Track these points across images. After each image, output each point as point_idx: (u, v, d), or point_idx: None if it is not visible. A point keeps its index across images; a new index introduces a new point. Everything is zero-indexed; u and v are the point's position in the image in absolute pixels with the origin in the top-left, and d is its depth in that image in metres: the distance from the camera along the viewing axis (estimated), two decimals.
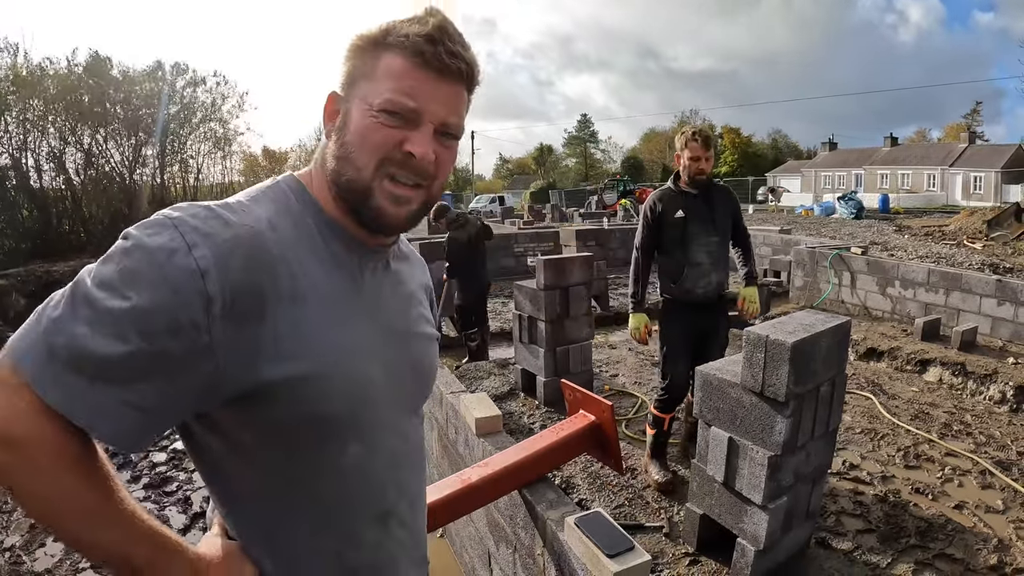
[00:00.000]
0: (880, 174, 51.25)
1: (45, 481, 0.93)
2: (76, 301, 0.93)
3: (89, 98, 26.90)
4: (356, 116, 1.13)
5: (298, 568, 1.19)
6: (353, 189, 1.14)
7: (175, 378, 0.97)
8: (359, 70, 1.15)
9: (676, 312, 4.37)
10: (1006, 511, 3.96)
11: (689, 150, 4.15)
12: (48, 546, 5.30)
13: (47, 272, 15.51)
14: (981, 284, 8.15)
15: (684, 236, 4.23)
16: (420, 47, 1.11)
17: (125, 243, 0.97)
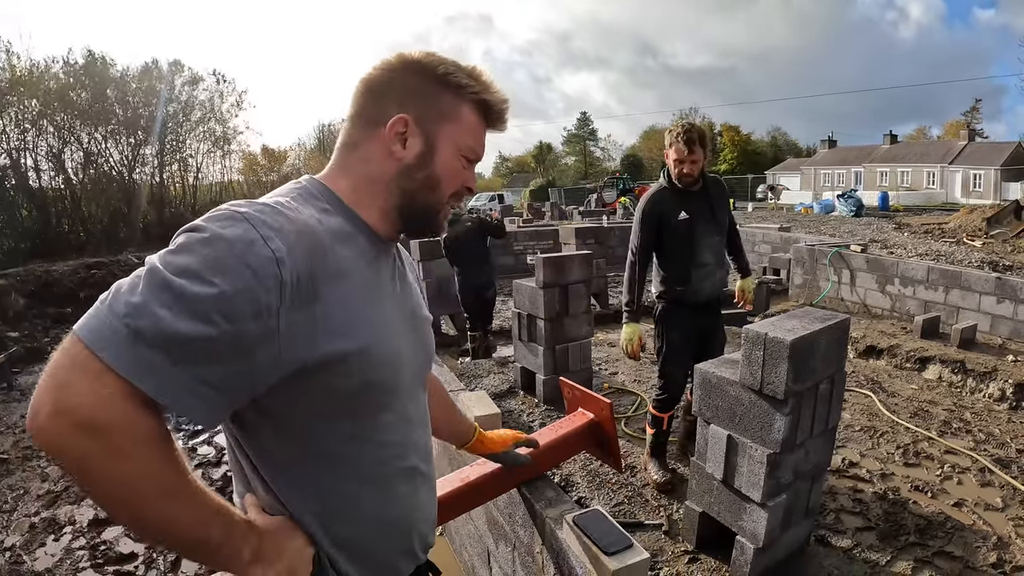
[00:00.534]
0: (880, 172, 51.27)
1: (129, 464, 0.97)
2: (155, 287, 0.98)
3: (87, 97, 26.89)
4: (446, 155, 1.36)
5: (346, 523, 1.33)
6: (428, 210, 1.39)
7: (248, 358, 1.05)
8: (440, 111, 1.34)
9: (678, 313, 4.23)
10: (1005, 509, 3.96)
11: (673, 151, 3.97)
12: (48, 546, 5.30)
13: (46, 272, 15.49)
14: (980, 282, 8.15)
15: (691, 238, 4.06)
16: (499, 115, 1.42)
17: (201, 235, 1.05)
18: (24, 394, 9.30)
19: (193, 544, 1.10)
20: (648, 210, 4.13)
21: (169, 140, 31.46)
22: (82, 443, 0.92)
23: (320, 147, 49.80)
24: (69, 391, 0.93)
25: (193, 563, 4.98)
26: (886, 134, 55.28)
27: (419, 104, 1.32)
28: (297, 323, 1.10)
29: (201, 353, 0.99)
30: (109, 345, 0.94)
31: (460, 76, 1.34)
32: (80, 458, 0.94)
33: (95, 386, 0.93)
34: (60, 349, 0.96)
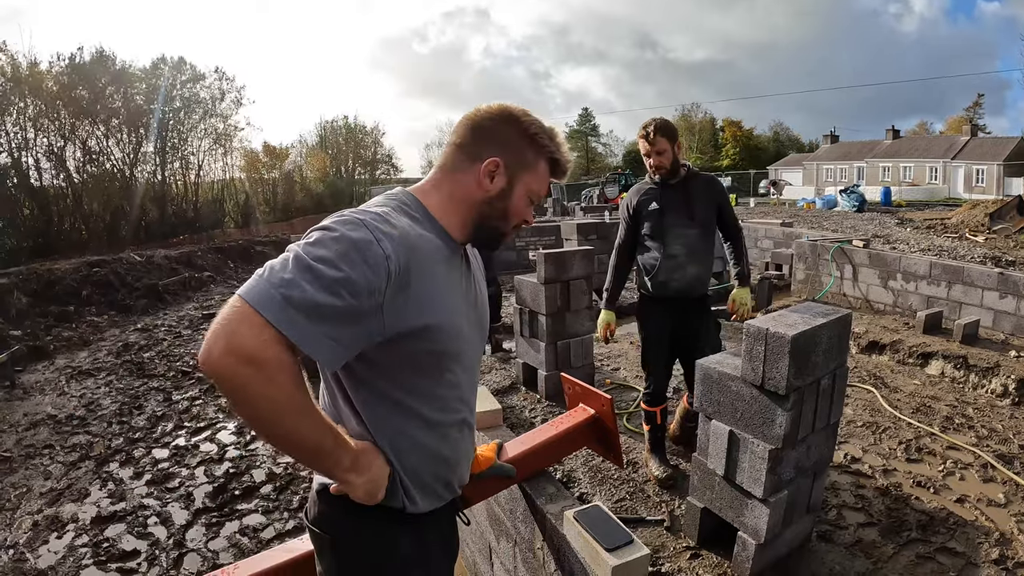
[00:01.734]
0: (882, 167, 51.18)
1: (277, 388, 1.36)
2: (301, 269, 1.39)
3: (89, 95, 26.89)
4: (521, 197, 1.80)
5: (412, 455, 1.75)
6: (495, 232, 1.83)
7: (362, 324, 1.46)
8: (525, 161, 1.77)
9: (651, 308, 4.31)
10: (1008, 505, 3.95)
11: (640, 146, 4.07)
12: (51, 543, 5.30)
13: (48, 270, 15.52)
14: (983, 277, 8.13)
15: (660, 228, 4.13)
16: (562, 171, 1.85)
17: (333, 234, 1.46)
18: (27, 392, 9.31)
19: (313, 450, 1.52)
20: (627, 202, 4.34)
21: (170, 138, 31.45)
22: (246, 372, 1.32)
23: (322, 144, 49.72)
24: (237, 336, 1.32)
25: (196, 559, 5.00)
26: (888, 129, 55.14)
27: (510, 152, 1.74)
28: (396, 302, 1.50)
29: (331, 316, 1.39)
30: (268, 307, 1.34)
31: (543, 137, 1.76)
32: (244, 384, 1.33)
33: (258, 333, 1.33)
34: (229, 306, 1.35)
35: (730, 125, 76.99)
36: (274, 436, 1.46)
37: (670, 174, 4.10)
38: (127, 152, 29.03)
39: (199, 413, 8.33)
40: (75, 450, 7.11)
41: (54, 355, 11.42)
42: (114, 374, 10.25)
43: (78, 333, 12.85)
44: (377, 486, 1.67)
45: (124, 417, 8.22)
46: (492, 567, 4.17)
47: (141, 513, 5.71)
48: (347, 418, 1.72)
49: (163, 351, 11.69)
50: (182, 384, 9.67)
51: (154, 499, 5.99)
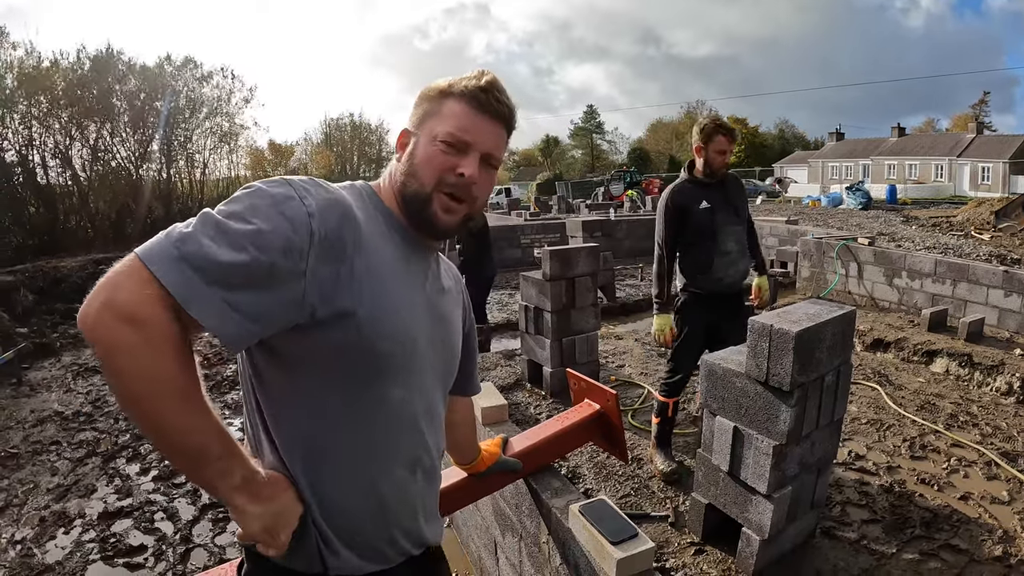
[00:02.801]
0: (887, 164, 51.07)
1: (156, 360, 1.15)
2: (205, 223, 1.21)
3: (96, 93, 26.92)
4: (423, 144, 1.49)
5: (335, 488, 1.44)
6: (416, 198, 1.50)
7: (274, 290, 1.23)
8: (427, 112, 1.51)
9: (698, 304, 4.25)
10: (1012, 502, 3.96)
11: (716, 144, 4.03)
12: (58, 539, 5.32)
13: (54, 268, 15.54)
14: (988, 275, 8.13)
15: (713, 226, 4.12)
16: (476, 94, 1.49)
17: (249, 190, 1.29)
18: (34, 389, 9.34)
19: (194, 452, 1.25)
20: (671, 203, 4.20)
21: (176, 136, 31.48)
22: (120, 332, 1.12)
23: (327, 141, 49.72)
24: (119, 290, 1.13)
25: (203, 554, 5.02)
26: (894, 127, 55.06)
27: (414, 116, 1.55)
28: (322, 274, 1.28)
29: (234, 278, 1.18)
30: (158, 261, 1.15)
31: (447, 82, 1.53)
32: (117, 345, 1.12)
33: (143, 288, 1.13)
34: (119, 262, 1.17)
35: (735, 123, 76.80)
36: (149, 424, 1.20)
37: (716, 174, 4.15)
38: (133, 150, 29.05)
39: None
40: (82, 446, 7.12)
41: (60, 352, 11.43)
42: None
43: None
44: (280, 522, 1.36)
45: None
46: (497, 562, 4.19)
47: (148, 509, 5.72)
48: (264, 446, 1.45)
49: None
50: None
51: (161, 495, 6.00)
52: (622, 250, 17.42)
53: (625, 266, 15.72)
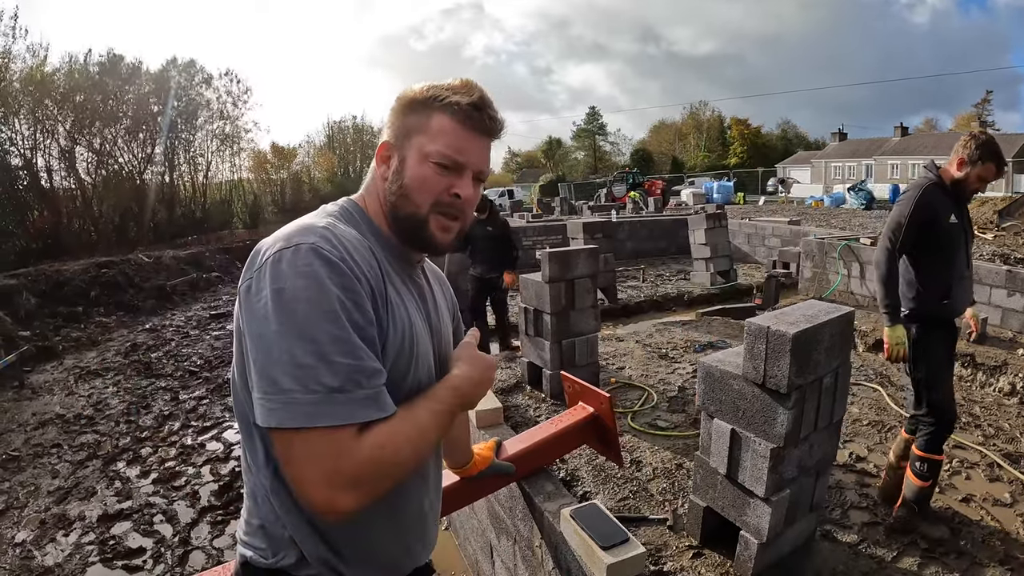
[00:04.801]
0: (890, 164, 51.02)
1: (391, 469, 1.26)
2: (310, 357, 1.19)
3: (100, 97, 27.01)
4: (413, 164, 1.43)
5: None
6: (411, 221, 1.46)
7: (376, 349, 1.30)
8: (412, 126, 1.44)
9: (940, 330, 3.75)
10: (1014, 504, 3.94)
11: (985, 169, 3.54)
12: (58, 541, 5.32)
13: (57, 271, 15.57)
14: (991, 275, 8.10)
15: (956, 246, 3.66)
16: (469, 113, 1.42)
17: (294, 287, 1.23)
18: (36, 392, 9.36)
19: (440, 435, 1.43)
20: (924, 204, 3.60)
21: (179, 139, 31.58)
22: (348, 497, 1.20)
23: (329, 144, 49.79)
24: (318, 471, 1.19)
25: (201, 556, 5.02)
26: (896, 126, 55.13)
27: (394, 128, 1.48)
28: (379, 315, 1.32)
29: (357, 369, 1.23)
30: (313, 417, 1.18)
31: (429, 92, 1.44)
32: (357, 506, 1.21)
33: (331, 449, 1.19)
34: (282, 447, 1.23)
35: (738, 123, 76.94)
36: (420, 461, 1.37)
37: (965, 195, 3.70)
38: (136, 154, 29.15)
39: (206, 412, 8.34)
40: (83, 449, 7.14)
41: (63, 355, 11.47)
42: (122, 374, 10.28)
43: (86, 333, 12.90)
44: (477, 379, 1.50)
45: (131, 416, 8.24)
46: (493, 565, 4.17)
47: (147, 511, 5.73)
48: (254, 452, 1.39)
49: (171, 351, 11.72)
50: (189, 384, 9.69)
51: (160, 497, 6.01)
52: (624, 252, 17.43)
53: (627, 268, 15.72)
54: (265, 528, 1.39)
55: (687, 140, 79.00)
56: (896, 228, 3.65)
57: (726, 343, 7.54)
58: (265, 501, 1.38)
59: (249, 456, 1.40)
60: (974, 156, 3.54)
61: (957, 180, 3.62)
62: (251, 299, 1.23)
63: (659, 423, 5.06)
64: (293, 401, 1.16)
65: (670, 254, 18.77)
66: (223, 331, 13.28)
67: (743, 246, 17.53)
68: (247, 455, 1.41)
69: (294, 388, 1.16)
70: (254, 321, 1.22)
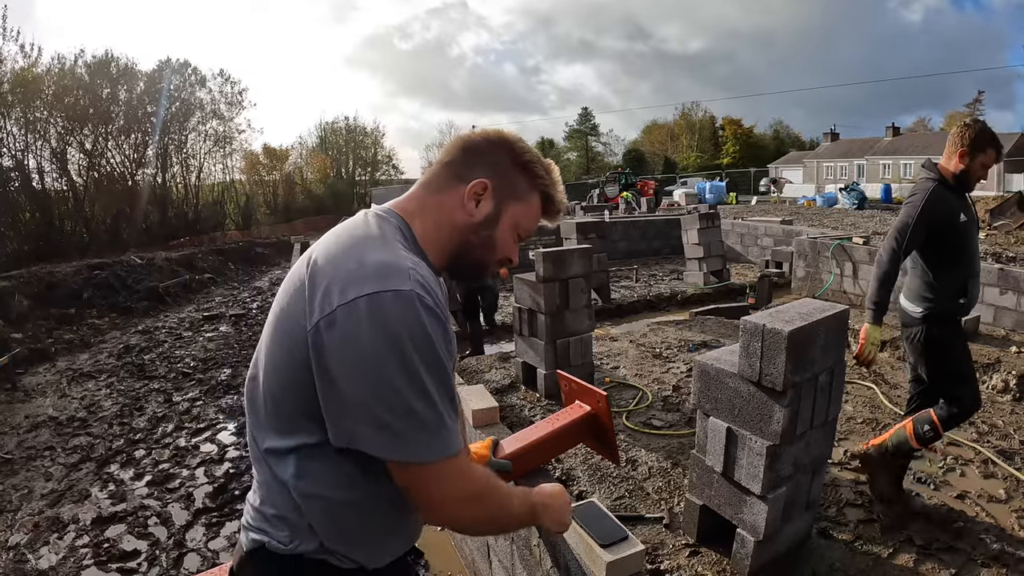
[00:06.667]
0: (882, 164, 51.24)
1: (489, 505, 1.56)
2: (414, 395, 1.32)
3: (92, 98, 26.94)
4: (506, 227, 1.60)
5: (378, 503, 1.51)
6: (478, 264, 1.63)
7: None
8: (519, 190, 1.59)
9: (956, 327, 3.77)
10: (1009, 500, 3.95)
11: (986, 157, 3.56)
12: (52, 544, 5.30)
13: (50, 273, 15.53)
14: (984, 273, 8.06)
15: (968, 244, 3.66)
16: (555, 210, 1.68)
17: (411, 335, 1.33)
18: (28, 395, 9.32)
19: (523, 523, 1.73)
20: (932, 208, 3.57)
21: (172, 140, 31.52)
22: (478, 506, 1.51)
23: (322, 145, 49.73)
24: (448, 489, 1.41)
25: (196, 559, 5.00)
26: (888, 126, 55.38)
27: (500, 177, 1.55)
28: None
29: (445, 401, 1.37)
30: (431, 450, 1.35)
31: (538, 168, 1.60)
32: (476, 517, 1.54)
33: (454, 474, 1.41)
34: (414, 481, 1.39)
35: (730, 123, 77.01)
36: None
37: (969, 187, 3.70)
38: (129, 155, 29.07)
39: (199, 414, 8.31)
40: (76, 451, 7.10)
41: (55, 357, 11.41)
42: (115, 376, 10.23)
43: (79, 335, 12.84)
44: (558, 512, 1.83)
45: (125, 418, 8.19)
46: (490, 565, 4.16)
47: (141, 514, 5.70)
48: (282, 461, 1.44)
49: (164, 353, 11.67)
50: (183, 385, 9.65)
51: (154, 500, 5.98)
52: (617, 252, 17.44)
53: (620, 268, 15.73)
54: (284, 518, 1.44)
55: (679, 140, 79.00)
56: (903, 229, 3.62)
57: (720, 342, 7.55)
58: (285, 496, 1.43)
59: (274, 463, 1.44)
60: (972, 147, 3.54)
61: (960, 173, 3.61)
62: (342, 335, 1.26)
63: (654, 422, 5.07)
64: (414, 440, 1.30)
65: (663, 254, 18.76)
66: (216, 332, 13.24)
67: (736, 246, 17.54)
68: (270, 461, 1.45)
69: (411, 428, 1.29)
70: (349, 361, 1.26)
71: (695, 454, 3.28)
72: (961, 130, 3.59)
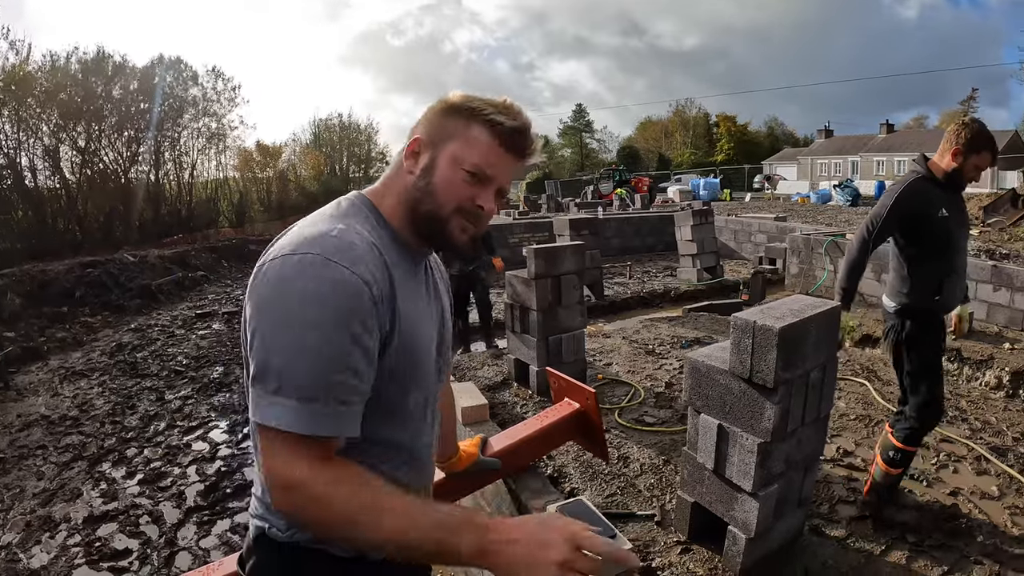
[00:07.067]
0: (876, 161, 51.32)
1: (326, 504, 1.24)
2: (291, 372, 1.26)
3: (85, 95, 26.87)
4: (444, 166, 1.45)
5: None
6: (432, 219, 1.47)
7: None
8: (448, 130, 1.46)
9: (933, 325, 3.74)
10: (1001, 497, 3.95)
11: (981, 158, 3.50)
12: (43, 543, 5.28)
13: (42, 272, 15.46)
14: (977, 270, 8.14)
15: (948, 240, 3.60)
16: (510, 135, 1.45)
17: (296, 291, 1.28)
18: (20, 393, 9.29)
19: (414, 548, 1.22)
20: (906, 199, 3.58)
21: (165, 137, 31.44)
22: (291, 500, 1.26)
23: (316, 142, 49.67)
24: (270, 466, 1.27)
25: (187, 557, 4.98)
26: (882, 123, 55.45)
27: (432, 127, 1.49)
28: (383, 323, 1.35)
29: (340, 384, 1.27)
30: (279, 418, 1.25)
31: (473, 103, 1.47)
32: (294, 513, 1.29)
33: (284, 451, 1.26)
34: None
35: (724, 120, 77.07)
36: (365, 545, 1.27)
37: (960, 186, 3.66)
38: (122, 152, 29.00)
39: (191, 412, 8.28)
40: (68, 450, 7.08)
41: (48, 356, 11.37)
42: (107, 374, 10.20)
43: (72, 334, 12.79)
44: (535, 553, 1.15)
45: (117, 417, 8.17)
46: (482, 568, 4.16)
47: (133, 512, 5.68)
48: None
49: (156, 351, 11.63)
50: (175, 383, 9.63)
51: (146, 498, 5.96)
52: (611, 248, 17.46)
53: (614, 264, 15.73)
54: None
55: (674, 137, 79.06)
56: (875, 218, 3.64)
57: (713, 339, 7.54)
58: None
59: None
60: (968, 147, 3.48)
61: (953, 171, 3.55)
62: (254, 300, 1.30)
63: (646, 419, 5.06)
64: (256, 394, 1.24)
65: (657, 251, 18.81)
66: (209, 330, 13.20)
67: (729, 242, 17.56)
68: None
69: (260, 378, 1.24)
70: (254, 320, 1.28)
71: (686, 451, 3.27)
72: (958, 128, 3.53)
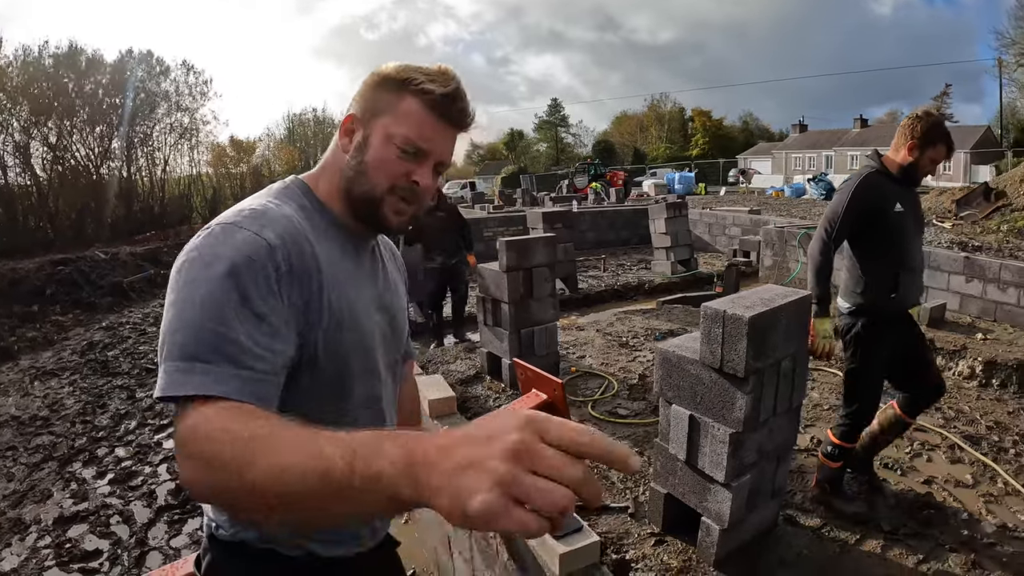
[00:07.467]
0: (850, 155, 51.63)
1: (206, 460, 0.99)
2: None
3: (56, 89, 26.60)
4: (377, 144, 1.38)
5: None
6: (365, 200, 1.41)
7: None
8: (380, 104, 1.39)
9: (885, 328, 3.59)
10: (975, 486, 3.97)
11: (935, 152, 3.44)
12: (13, 546, 5.20)
13: (12, 270, 15.29)
14: (950, 262, 8.20)
15: (903, 236, 3.53)
16: (441, 102, 1.37)
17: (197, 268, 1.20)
18: None
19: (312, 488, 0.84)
20: (863, 194, 3.50)
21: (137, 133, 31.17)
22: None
23: (290, 137, 49.49)
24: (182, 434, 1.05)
25: (158, 557, 4.92)
26: (856, 118, 55.89)
27: (365, 102, 1.42)
28: (294, 302, 1.25)
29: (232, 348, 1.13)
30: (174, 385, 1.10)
31: (405, 73, 1.39)
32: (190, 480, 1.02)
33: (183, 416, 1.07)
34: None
35: (699, 115, 77.36)
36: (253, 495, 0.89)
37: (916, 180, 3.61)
38: (93, 148, 28.73)
39: (163, 410, 8.19)
40: (38, 451, 6.98)
41: (18, 356, 11.23)
42: (78, 373, 10.09)
43: (42, 333, 12.65)
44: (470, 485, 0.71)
45: (87, 416, 8.07)
46: (452, 557, 4.13)
47: (104, 512, 5.61)
48: None
49: (127, 349, 11.52)
50: (146, 381, 9.53)
51: (117, 498, 5.89)
52: (586, 242, 17.45)
53: (588, 258, 15.74)
54: None
55: (649, 132, 79.30)
56: (833, 218, 3.55)
57: (687, 330, 7.54)
58: None
59: None
60: (923, 141, 3.42)
61: (908, 165, 3.49)
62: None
63: (620, 411, 5.05)
64: (167, 371, 1.10)
65: (632, 244, 18.82)
66: None
67: (704, 236, 17.63)
68: None
69: (168, 355, 1.12)
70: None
71: (658, 442, 3.25)
72: (912, 122, 3.47)
